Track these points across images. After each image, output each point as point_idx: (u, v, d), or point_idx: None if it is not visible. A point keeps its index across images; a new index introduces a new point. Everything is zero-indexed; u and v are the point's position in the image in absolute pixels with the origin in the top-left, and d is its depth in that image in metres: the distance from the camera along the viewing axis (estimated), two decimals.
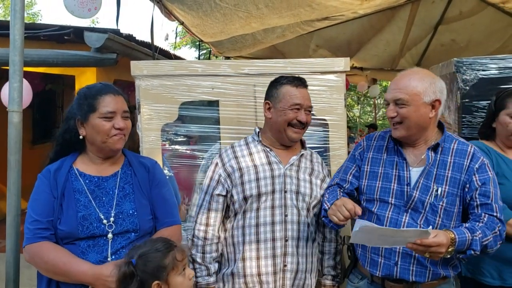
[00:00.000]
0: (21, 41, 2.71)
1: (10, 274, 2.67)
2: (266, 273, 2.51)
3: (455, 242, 2.11)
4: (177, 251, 2.01)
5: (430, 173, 2.34)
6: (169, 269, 1.96)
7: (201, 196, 2.64)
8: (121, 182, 2.31)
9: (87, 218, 2.16)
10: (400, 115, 2.33)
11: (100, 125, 2.21)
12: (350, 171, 2.56)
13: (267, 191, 2.53)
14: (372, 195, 2.43)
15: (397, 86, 2.35)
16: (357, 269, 2.56)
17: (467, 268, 2.81)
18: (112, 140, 2.23)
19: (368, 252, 2.43)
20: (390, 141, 2.50)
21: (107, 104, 2.22)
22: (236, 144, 2.70)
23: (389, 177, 2.41)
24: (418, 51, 7.34)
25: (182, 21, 5.02)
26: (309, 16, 4.83)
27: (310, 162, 2.70)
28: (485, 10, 5.91)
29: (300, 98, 2.57)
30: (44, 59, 4.78)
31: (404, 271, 2.32)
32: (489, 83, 3.21)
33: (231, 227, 2.59)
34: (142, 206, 2.28)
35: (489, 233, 2.19)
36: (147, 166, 2.40)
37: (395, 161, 2.42)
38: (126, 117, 2.29)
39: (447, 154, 2.37)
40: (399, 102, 2.33)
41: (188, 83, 3.05)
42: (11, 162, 2.69)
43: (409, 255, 2.30)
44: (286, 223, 2.53)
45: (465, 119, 3.27)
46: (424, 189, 2.32)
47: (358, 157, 2.57)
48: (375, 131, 3.38)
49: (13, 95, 2.69)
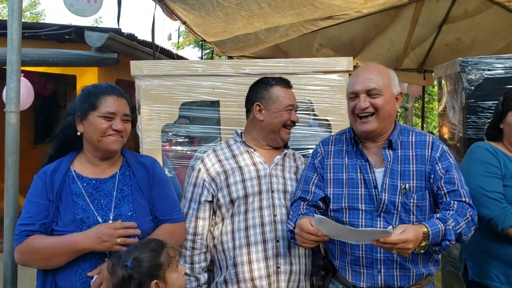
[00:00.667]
0: (19, 41, 2.67)
1: (7, 277, 2.65)
2: (260, 277, 2.44)
3: (428, 235, 2.02)
4: (169, 248, 2.01)
5: (394, 171, 2.27)
6: (165, 266, 1.96)
7: (186, 204, 2.57)
8: (120, 184, 2.28)
9: (85, 221, 2.14)
10: (374, 106, 2.25)
11: (98, 123, 2.19)
12: (311, 181, 2.42)
13: (253, 191, 2.48)
14: (340, 203, 2.32)
15: (368, 76, 2.27)
16: (337, 279, 2.44)
17: (474, 272, 2.77)
18: (107, 139, 2.21)
19: (347, 264, 2.33)
20: (348, 144, 2.41)
21: (108, 104, 2.21)
22: (218, 147, 2.65)
23: (355, 182, 2.31)
24: (422, 50, 7.28)
25: (184, 20, 4.98)
26: (312, 15, 4.78)
27: (294, 161, 2.67)
28: (490, 9, 5.86)
29: (292, 98, 2.59)
30: (44, 58, 4.77)
31: (388, 278, 2.25)
32: (495, 83, 3.16)
33: (219, 233, 2.53)
34: (141, 208, 2.25)
35: (461, 220, 2.12)
36: (147, 165, 2.37)
37: (357, 164, 2.33)
38: (126, 120, 2.27)
39: (408, 148, 2.31)
40: (373, 92, 2.25)
41: (189, 83, 3.02)
42: (9, 163, 2.66)
43: (391, 261, 2.23)
44: (276, 223, 2.48)
45: (470, 119, 3.22)
46: (391, 189, 2.24)
47: (319, 165, 2.44)
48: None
49: (10, 95, 2.66)
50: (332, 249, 2.42)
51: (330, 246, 2.43)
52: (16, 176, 2.66)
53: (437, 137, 2.36)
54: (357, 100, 2.28)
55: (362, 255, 2.27)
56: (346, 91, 2.38)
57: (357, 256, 2.28)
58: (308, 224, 2.12)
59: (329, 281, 2.49)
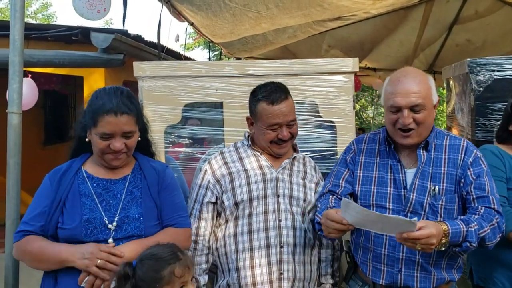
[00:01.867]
0: (21, 42, 2.66)
1: (8, 279, 2.63)
2: (262, 283, 2.40)
3: (448, 233, 2.01)
4: (179, 266, 1.88)
5: (425, 172, 2.26)
6: (164, 283, 1.84)
7: (190, 205, 2.55)
8: (130, 186, 2.26)
9: (92, 222, 2.12)
10: (417, 121, 2.21)
11: (97, 142, 2.16)
12: (342, 176, 2.43)
13: (259, 195, 2.44)
14: (368, 200, 2.32)
15: (411, 89, 2.20)
16: (358, 275, 2.46)
17: (479, 277, 2.75)
18: (107, 158, 2.19)
19: (369, 260, 2.34)
20: (381, 144, 2.40)
21: (104, 125, 2.13)
22: (225, 149, 2.62)
23: (384, 181, 2.31)
24: (432, 51, 7.23)
25: (191, 21, 4.97)
26: (321, 16, 4.75)
27: (303, 166, 2.61)
28: (501, 9, 5.80)
29: (279, 116, 2.42)
30: (51, 59, 4.78)
31: (408, 278, 2.24)
32: (505, 84, 3.11)
33: (222, 236, 2.50)
34: (149, 211, 2.23)
35: (486, 225, 2.10)
36: (158, 169, 2.35)
37: (389, 164, 2.33)
38: (129, 136, 2.19)
39: (441, 151, 2.30)
40: (417, 108, 2.20)
41: (192, 84, 3.01)
42: (11, 165, 2.64)
43: (412, 261, 2.23)
44: (281, 229, 2.43)
45: (478, 121, 3.18)
46: (420, 190, 2.23)
47: (351, 161, 2.45)
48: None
49: (13, 96, 2.64)
50: (356, 244, 2.42)
51: (354, 240, 2.44)
52: (18, 178, 2.64)
53: (471, 143, 2.35)
54: (399, 114, 2.23)
55: (384, 253, 2.27)
56: (385, 101, 2.30)
57: (379, 253, 2.29)
58: (334, 213, 2.12)
59: (350, 278, 2.50)
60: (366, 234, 2.33)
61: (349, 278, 2.50)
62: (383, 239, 2.26)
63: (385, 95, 2.31)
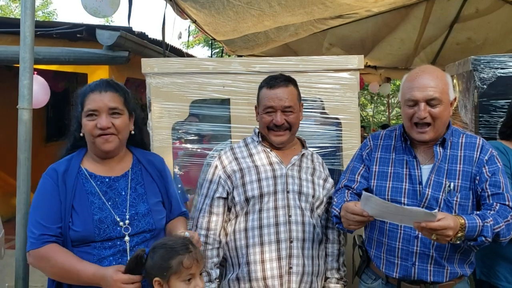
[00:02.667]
0: (32, 39, 2.68)
1: (19, 273, 2.65)
2: (272, 277, 2.44)
3: (464, 227, 2.06)
4: (188, 257, 1.90)
5: (441, 169, 2.29)
6: (172, 272, 1.87)
7: (201, 200, 2.58)
8: (133, 182, 2.26)
9: (104, 221, 2.11)
10: (433, 115, 2.24)
11: (85, 124, 2.14)
12: (358, 171, 2.47)
13: (269, 191, 2.47)
14: (383, 195, 2.35)
15: (428, 84, 2.24)
16: (370, 269, 2.49)
17: (482, 271, 2.78)
18: (97, 141, 2.14)
19: (383, 253, 2.37)
20: (397, 140, 2.43)
21: (89, 102, 2.12)
22: (235, 145, 2.65)
23: (400, 177, 2.34)
24: (433, 49, 7.26)
25: (194, 19, 4.99)
26: (322, 14, 4.78)
27: (311, 162, 2.64)
28: (502, 8, 5.83)
29: (274, 99, 2.46)
30: (56, 57, 4.80)
31: (422, 272, 2.27)
32: (508, 81, 3.13)
33: (232, 230, 2.53)
34: (155, 205, 2.26)
35: (501, 221, 2.13)
36: (156, 164, 2.37)
37: (404, 159, 2.36)
38: (116, 114, 2.15)
39: (457, 149, 2.33)
40: (434, 102, 2.23)
41: (199, 81, 3.03)
42: (21, 160, 2.66)
43: (426, 255, 2.26)
44: (291, 224, 2.47)
45: (482, 118, 3.20)
46: (436, 186, 2.27)
47: (367, 157, 2.48)
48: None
49: (23, 92, 2.67)
50: (370, 238, 2.45)
51: (368, 235, 2.47)
52: (28, 173, 2.67)
53: (487, 141, 2.39)
54: (416, 108, 2.27)
55: (399, 247, 2.30)
56: (402, 95, 2.35)
57: (393, 247, 2.32)
58: (353, 205, 2.18)
59: (363, 271, 2.53)
60: (380, 229, 2.36)
61: (362, 272, 2.54)
62: (397, 233, 2.30)
63: (402, 90, 2.35)
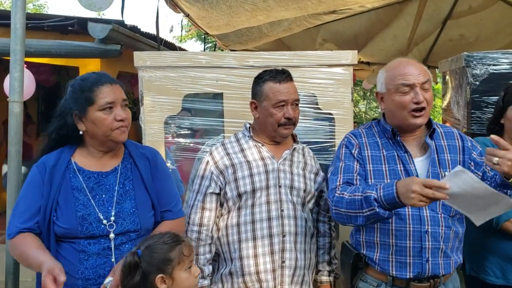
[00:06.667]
0: (22, 30, 2.67)
1: (9, 267, 2.65)
2: (265, 271, 2.45)
3: None
4: (185, 245, 1.94)
5: (434, 159, 2.30)
6: (175, 263, 1.89)
7: (193, 196, 2.57)
8: (121, 178, 2.23)
9: (87, 218, 2.10)
10: (427, 100, 2.24)
11: (101, 119, 2.11)
12: (354, 170, 2.31)
13: (261, 186, 2.47)
14: None
15: (418, 70, 2.25)
16: (368, 276, 2.36)
17: (471, 266, 2.80)
18: (115, 133, 2.14)
19: (391, 255, 2.27)
20: (381, 137, 2.38)
21: (105, 95, 2.11)
22: (227, 141, 2.64)
23: (396, 173, 2.29)
24: (425, 46, 7.26)
25: (187, 13, 4.96)
26: (316, 9, 4.77)
27: (302, 156, 2.64)
28: (495, 5, 5.84)
29: (285, 93, 2.47)
30: (48, 49, 4.77)
31: (435, 266, 2.24)
32: (500, 78, 3.14)
33: (224, 226, 2.53)
34: (143, 203, 2.22)
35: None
36: (149, 157, 2.33)
37: (395, 155, 2.32)
38: (126, 105, 2.18)
39: (439, 139, 2.35)
40: (427, 86, 2.24)
41: (192, 75, 3.01)
42: (12, 153, 2.65)
43: (437, 249, 2.24)
44: (283, 218, 2.47)
45: (474, 115, 3.21)
46: (434, 177, 2.23)
47: (358, 155, 2.34)
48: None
49: (14, 85, 2.66)
50: (370, 242, 2.34)
51: (366, 239, 2.35)
52: (19, 166, 2.66)
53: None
54: (411, 93, 2.23)
55: (410, 245, 2.24)
56: (391, 84, 2.28)
57: (404, 246, 2.24)
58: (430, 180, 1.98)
59: (359, 279, 2.38)
60: (383, 230, 2.27)
61: (358, 280, 2.38)
62: (406, 231, 2.23)
63: (389, 79, 2.30)
